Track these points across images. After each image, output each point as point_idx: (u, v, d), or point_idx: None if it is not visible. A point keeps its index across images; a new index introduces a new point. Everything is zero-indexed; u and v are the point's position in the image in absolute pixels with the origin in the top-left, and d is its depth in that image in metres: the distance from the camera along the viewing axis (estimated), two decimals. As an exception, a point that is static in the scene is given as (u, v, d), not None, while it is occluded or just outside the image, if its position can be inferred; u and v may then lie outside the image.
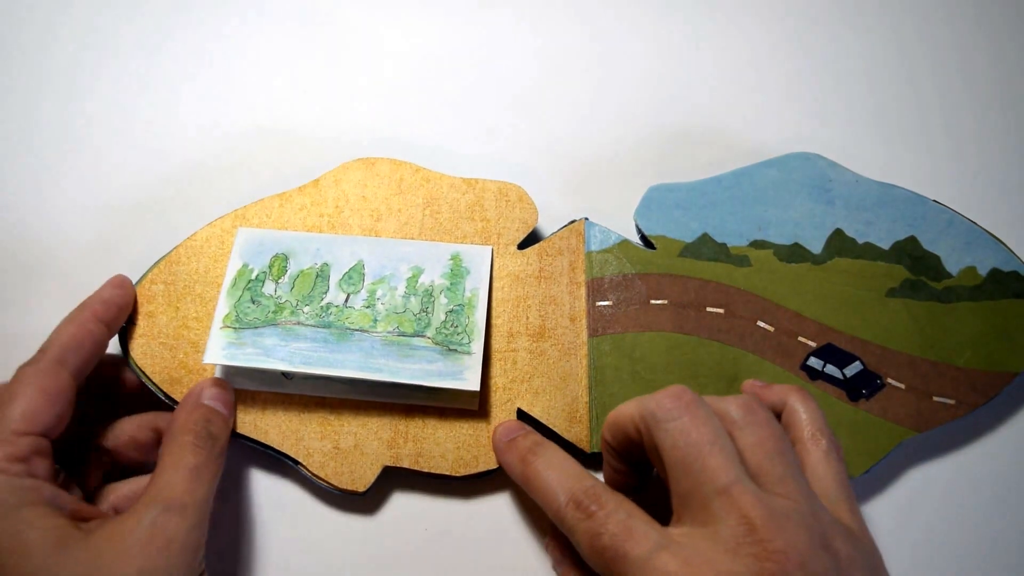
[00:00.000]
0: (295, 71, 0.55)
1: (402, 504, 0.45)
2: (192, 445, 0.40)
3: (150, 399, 0.44)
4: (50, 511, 0.36)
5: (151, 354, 0.44)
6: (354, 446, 0.44)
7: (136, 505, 0.37)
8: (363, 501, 0.45)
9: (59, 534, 0.35)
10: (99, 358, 0.42)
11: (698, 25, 0.57)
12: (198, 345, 0.44)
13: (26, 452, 0.37)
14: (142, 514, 0.36)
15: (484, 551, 0.44)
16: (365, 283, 0.46)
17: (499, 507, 0.45)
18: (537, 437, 0.41)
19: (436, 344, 0.45)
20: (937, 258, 0.47)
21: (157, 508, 0.37)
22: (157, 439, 0.43)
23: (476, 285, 0.46)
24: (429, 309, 0.45)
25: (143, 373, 0.44)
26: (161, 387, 0.44)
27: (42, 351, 0.40)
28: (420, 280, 0.46)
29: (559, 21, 0.57)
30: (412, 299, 0.46)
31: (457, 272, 0.47)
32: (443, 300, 0.46)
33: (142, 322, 0.45)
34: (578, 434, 0.44)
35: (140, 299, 0.45)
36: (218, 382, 0.44)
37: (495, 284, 0.47)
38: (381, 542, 0.44)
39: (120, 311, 0.44)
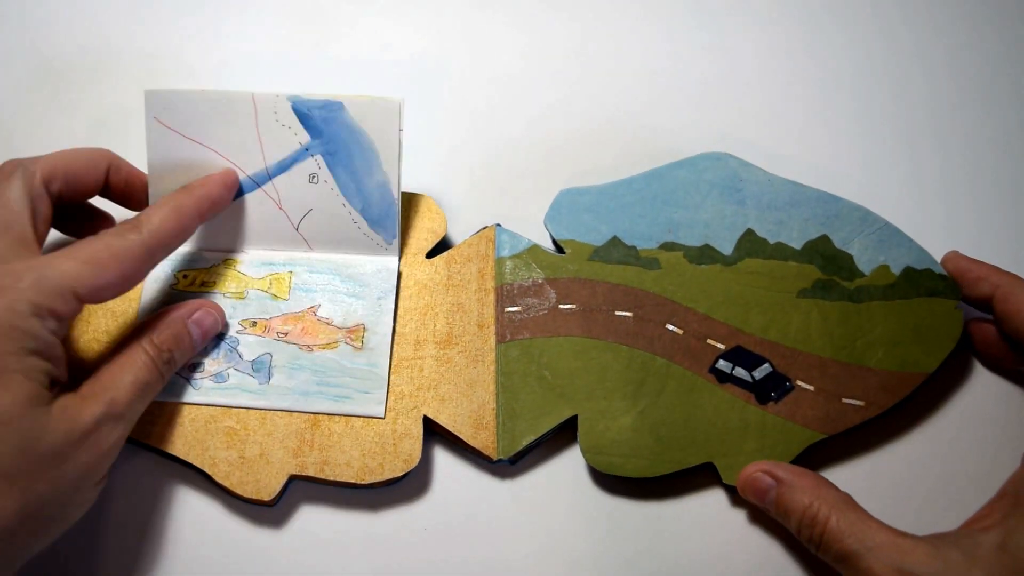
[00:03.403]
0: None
1: (401, 498, 0.45)
2: (149, 364, 0.40)
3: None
4: (35, 377, 0.35)
5: None
6: (260, 455, 0.44)
7: (84, 393, 0.37)
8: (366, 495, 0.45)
9: (23, 411, 0.34)
10: None
11: (610, 26, 0.57)
12: None
13: (70, 313, 0.37)
14: (91, 405, 0.37)
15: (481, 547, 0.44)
16: (272, 293, 0.46)
17: (499, 502, 0.45)
18: None
19: (343, 353, 0.45)
20: (849, 257, 0.46)
21: (102, 406, 0.37)
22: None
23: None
24: (336, 319, 0.45)
25: None
26: None
27: (138, 226, 0.40)
28: (327, 290, 0.46)
29: (469, 24, 0.57)
30: (319, 309, 0.46)
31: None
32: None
33: None
34: (484, 440, 0.44)
35: None
36: (211, 306, 0.44)
37: (403, 293, 0.47)
38: (381, 539, 0.44)
39: (216, 211, 0.45)
